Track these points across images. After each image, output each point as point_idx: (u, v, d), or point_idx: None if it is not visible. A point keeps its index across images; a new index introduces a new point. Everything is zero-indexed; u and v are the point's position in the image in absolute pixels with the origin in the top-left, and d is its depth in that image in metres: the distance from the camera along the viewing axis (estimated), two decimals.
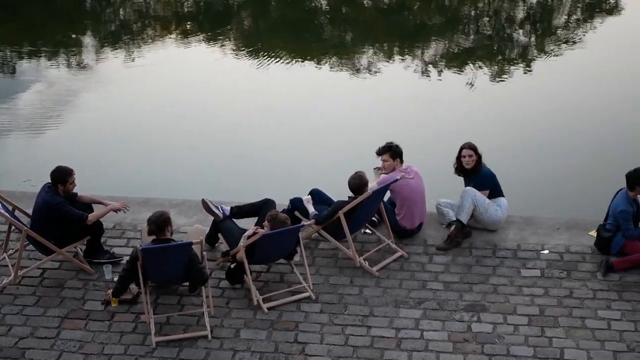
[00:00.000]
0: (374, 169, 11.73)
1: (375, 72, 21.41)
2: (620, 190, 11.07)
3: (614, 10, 25.70)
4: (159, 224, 9.80)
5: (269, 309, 10.18)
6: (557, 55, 22.50)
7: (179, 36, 23.85)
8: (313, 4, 27.38)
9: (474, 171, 11.57)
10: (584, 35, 23.95)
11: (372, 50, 23.11)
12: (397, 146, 11.51)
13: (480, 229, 11.63)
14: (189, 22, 25.44)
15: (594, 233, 11.34)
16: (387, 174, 11.46)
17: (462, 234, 11.39)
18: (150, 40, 23.74)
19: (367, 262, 10.92)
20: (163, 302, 10.35)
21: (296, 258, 10.68)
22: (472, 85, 20.30)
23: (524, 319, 9.95)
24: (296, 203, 11.33)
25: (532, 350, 9.47)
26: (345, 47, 23.53)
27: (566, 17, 26.04)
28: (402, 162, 11.52)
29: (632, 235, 10.87)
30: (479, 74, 21.12)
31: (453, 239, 11.33)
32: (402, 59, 22.42)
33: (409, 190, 11.38)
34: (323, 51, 22.81)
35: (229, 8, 26.98)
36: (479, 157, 11.53)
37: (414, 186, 11.42)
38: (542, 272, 10.79)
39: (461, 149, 11.64)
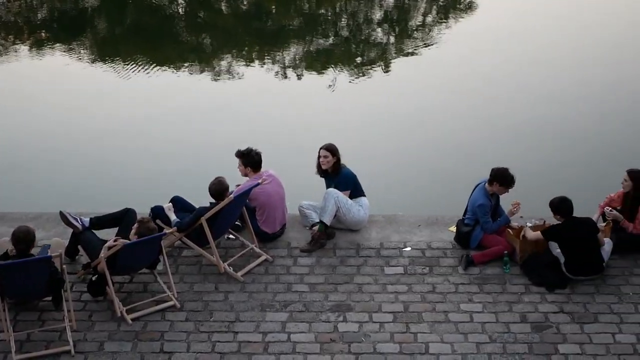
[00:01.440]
0: None
1: (237, 76, 21.34)
2: (479, 184, 11.31)
3: (468, 9, 26.30)
4: (28, 242, 9.58)
5: (133, 319, 10.00)
6: (414, 55, 22.88)
7: (32, 44, 23.26)
8: (170, 10, 27.12)
9: (335, 172, 11.64)
10: (440, 34, 24.43)
11: (232, 55, 23.04)
12: (251, 154, 11.38)
13: (343, 229, 11.70)
14: (42, 30, 24.87)
15: (453, 228, 11.57)
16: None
17: (325, 235, 11.44)
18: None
19: (231, 268, 10.84)
20: (23, 318, 10.04)
21: (159, 267, 10.53)
22: (333, 87, 20.46)
23: (389, 316, 10.06)
24: (157, 211, 11.17)
25: (398, 347, 9.58)
26: (204, 53, 23.40)
27: (422, 17, 26.51)
28: (256, 170, 11.44)
29: (490, 229, 11.13)
30: (339, 75, 21.29)
31: (317, 240, 11.37)
32: (263, 63, 22.42)
33: (266, 196, 11.36)
34: (182, 57, 22.62)
35: (84, 14, 26.43)
36: (337, 158, 11.59)
37: (270, 192, 11.40)
38: (405, 269, 10.93)
39: (319, 150, 11.69)
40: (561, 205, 10.61)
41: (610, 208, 11.10)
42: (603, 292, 10.42)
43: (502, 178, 11.05)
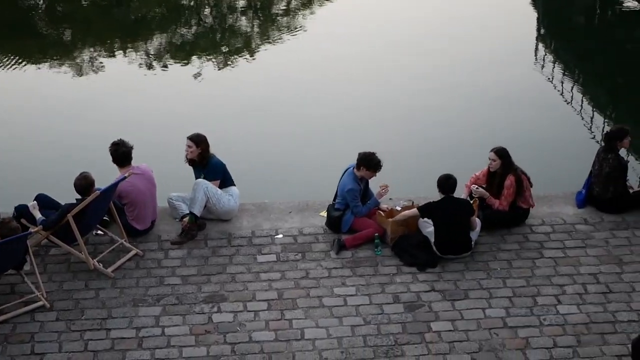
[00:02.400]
0: None
1: (100, 69, 20.96)
2: (348, 169, 11.38)
3: None
4: None
5: (0, 322, 9.70)
6: (279, 42, 22.92)
7: None
8: (29, 2, 26.40)
9: (203, 162, 11.52)
10: (304, 20, 24.54)
11: (93, 47, 22.59)
12: (115, 149, 11.10)
13: (214, 219, 11.60)
14: None
15: (324, 213, 11.61)
16: None
17: (196, 226, 11.33)
18: None
19: (101, 264, 10.62)
20: None
21: (26, 267, 10.22)
22: (199, 76, 20.31)
23: (263, 305, 10.04)
24: (21, 210, 10.83)
25: (274, 334, 9.56)
26: (65, 46, 22.87)
27: (286, 4, 26.54)
28: (122, 165, 11.16)
29: (360, 212, 11.21)
30: (204, 64, 21.14)
31: (187, 232, 11.25)
32: (126, 55, 22.07)
33: (137, 192, 11.14)
34: (42, 51, 22.07)
35: None
36: (203, 148, 11.45)
37: (142, 188, 11.19)
38: (277, 257, 10.92)
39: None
40: (444, 182, 10.74)
41: (476, 186, 11.34)
42: (472, 269, 10.64)
43: (368, 162, 11.13)
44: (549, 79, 20.91)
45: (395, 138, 16.61)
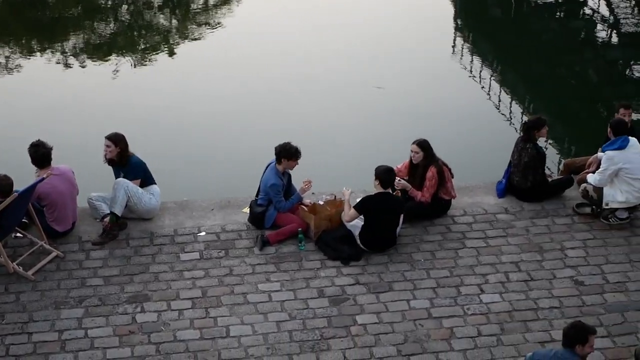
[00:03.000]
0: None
1: (15, 69, 20.58)
2: (270, 164, 11.33)
3: None
4: None
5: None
6: (198, 39, 22.77)
7: None
8: None
9: (123, 162, 11.35)
10: (222, 17, 24.42)
11: (8, 48, 22.16)
12: (32, 150, 10.90)
13: (135, 218, 11.45)
14: None
15: (247, 209, 11.55)
16: None
17: (117, 225, 11.17)
18: None
19: (21, 267, 10.40)
20: None
21: None
22: (117, 74, 20.08)
23: (187, 303, 9.94)
24: None
25: (199, 333, 9.49)
26: None
27: (204, 1, 26.38)
28: (40, 166, 10.96)
29: (284, 207, 11.18)
30: (122, 62, 20.89)
31: (109, 232, 11.08)
32: (42, 54, 21.71)
33: (57, 194, 10.90)
34: None
35: None
36: (122, 148, 11.27)
37: (61, 189, 10.95)
38: (200, 254, 10.83)
39: None
40: (386, 176, 10.75)
41: (398, 178, 11.38)
42: (396, 261, 10.69)
43: (287, 152, 11.08)
44: (465, 68, 21.16)
45: (315, 132, 16.64)
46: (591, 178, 11.39)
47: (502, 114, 18.88)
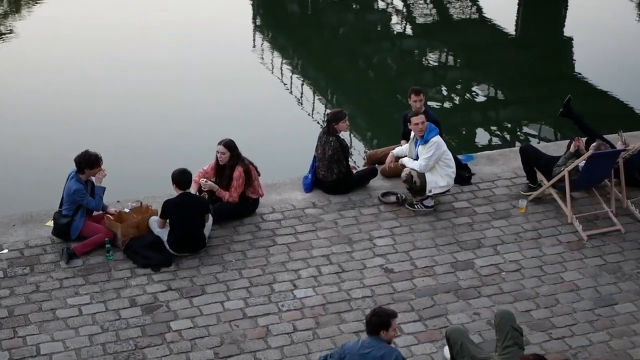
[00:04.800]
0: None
1: None
2: (71, 173, 10.97)
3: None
4: None
5: None
6: None
7: None
8: None
9: None
10: (15, 24, 23.66)
11: None
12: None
13: None
14: None
15: (50, 223, 11.14)
16: None
17: None
18: None
19: None
20: None
21: None
22: None
23: None
24: None
25: (8, 354, 9.11)
26: None
27: None
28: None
29: (96, 205, 10.89)
30: None
31: None
32: None
33: None
34: None
35: None
36: None
37: None
38: (4, 273, 10.38)
39: None
40: (180, 178, 10.61)
41: (205, 179, 11.28)
42: (207, 264, 10.59)
43: (88, 162, 10.79)
44: (266, 65, 21.28)
45: (117, 138, 16.34)
46: (416, 164, 11.60)
47: (305, 110, 19.08)
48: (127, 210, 11.11)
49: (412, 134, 11.73)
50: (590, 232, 11.36)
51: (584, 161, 11.27)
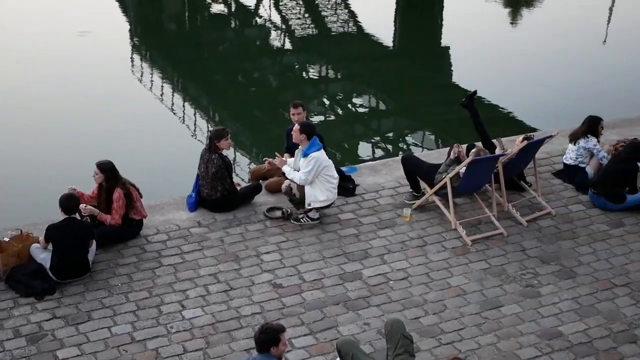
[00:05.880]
0: None
1: None
2: None
3: None
4: None
5: None
6: None
7: None
8: None
9: None
10: None
11: None
12: None
13: None
14: None
15: None
16: None
17: None
18: None
19: None
20: None
21: None
22: None
23: None
24: None
25: None
26: None
27: None
28: None
29: None
30: None
31: None
32: None
33: None
34: None
35: None
36: None
37: None
38: None
39: None
40: (67, 203, 10.39)
41: (85, 204, 11.03)
42: (92, 289, 10.36)
43: None
44: (146, 85, 21.05)
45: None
46: (296, 176, 11.59)
47: (187, 128, 18.93)
48: (6, 239, 10.76)
49: (300, 147, 11.75)
50: (474, 237, 11.57)
51: (465, 167, 11.47)
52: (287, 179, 11.80)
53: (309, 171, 11.44)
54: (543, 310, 10.24)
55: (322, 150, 11.60)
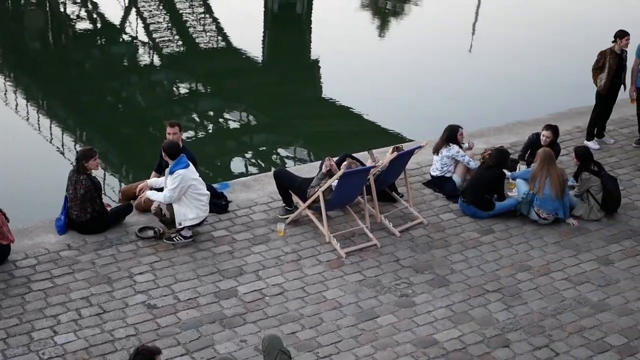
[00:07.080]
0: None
1: None
2: None
3: None
4: None
5: None
6: None
7: None
8: None
9: None
10: None
11: None
12: None
13: None
14: None
15: None
16: None
17: None
18: None
19: None
20: None
21: None
22: None
23: None
24: None
25: None
26: None
27: None
28: None
29: None
30: None
31: None
32: None
33: None
34: None
35: None
36: None
37: None
38: None
39: None
40: None
41: None
42: None
43: None
44: (11, 108, 20.50)
45: None
46: (160, 196, 11.44)
47: (54, 149, 18.50)
48: None
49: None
50: (348, 249, 11.64)
51: (337, 180, 11.54)
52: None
53: (174, 188, 11.29)
54: (418, 319, 10.38)
55: (190, 167, 11.45)
